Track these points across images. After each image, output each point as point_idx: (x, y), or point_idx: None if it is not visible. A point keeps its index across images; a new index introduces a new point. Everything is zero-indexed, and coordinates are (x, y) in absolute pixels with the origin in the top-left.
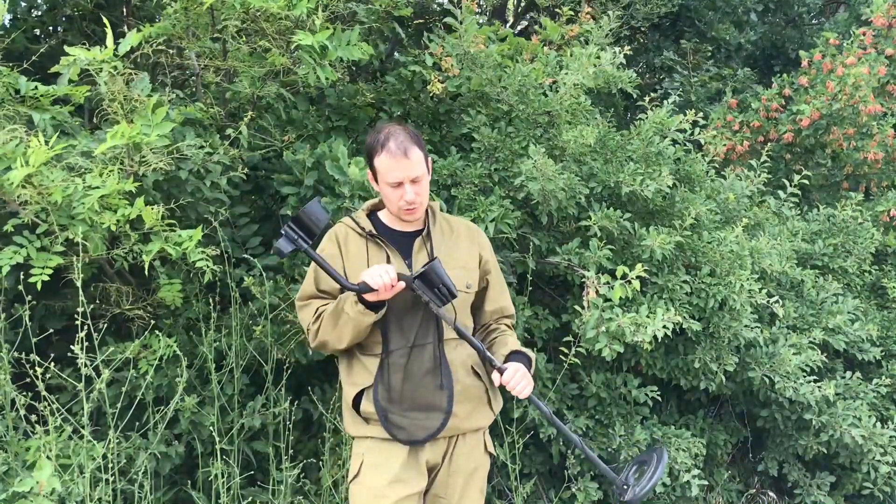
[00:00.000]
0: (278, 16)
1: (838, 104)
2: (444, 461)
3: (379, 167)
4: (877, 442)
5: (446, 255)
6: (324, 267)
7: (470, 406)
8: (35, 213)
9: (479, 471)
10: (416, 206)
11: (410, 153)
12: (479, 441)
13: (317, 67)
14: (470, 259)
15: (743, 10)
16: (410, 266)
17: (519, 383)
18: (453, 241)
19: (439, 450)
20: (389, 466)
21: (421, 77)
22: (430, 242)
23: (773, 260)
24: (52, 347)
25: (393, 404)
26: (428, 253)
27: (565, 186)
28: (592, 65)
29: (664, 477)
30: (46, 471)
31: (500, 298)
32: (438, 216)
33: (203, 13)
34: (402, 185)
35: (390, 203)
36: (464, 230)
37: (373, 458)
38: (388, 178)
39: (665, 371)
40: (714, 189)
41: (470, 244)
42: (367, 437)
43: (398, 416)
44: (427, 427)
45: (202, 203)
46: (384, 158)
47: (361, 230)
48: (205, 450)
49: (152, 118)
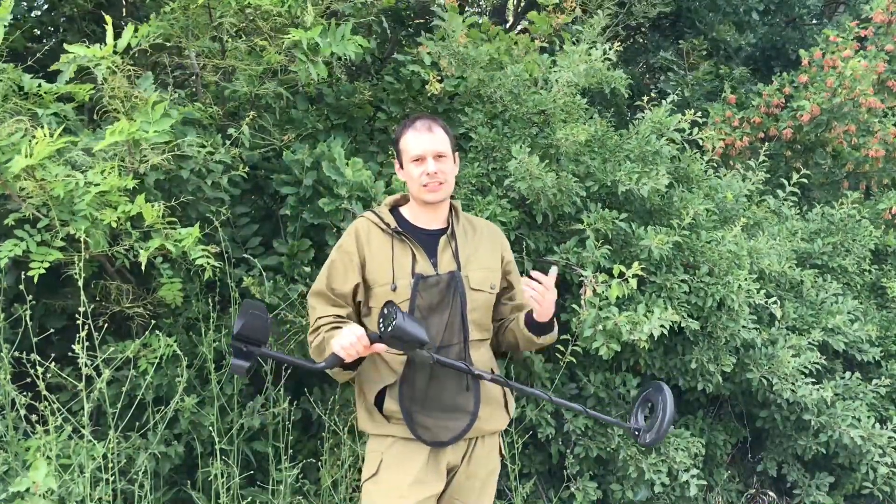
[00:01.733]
0: (273, 13)
1: (838, 98)
2: (463, 463)
3: (403, 146)
4: (876, 443)
5: (471, 255)
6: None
7: (490, 408)
8: (36, 208)
9: (494, 474)
10: (439, 183)
11: (435, 129)
12: (495, 444)
13: (309, 65)
14: (493, 260)
15: (744, 10)
16: (436, 265)
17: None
18: (476, 241)
19: (459, 451)
20: (410, 466)
21: (419, 77)
22: (455, 241)
23: (772, 260)
24: (52, 347)
25: (417, 404)
26: (453, 252)
27: (556, 185)
28: (584, 61)
29: (664, 476)
30: (42, 471)
31: (521, 297)
32: (461, 215)
33: (201, 12)
34: (425, 159)
35: (412, 183)
36: (486, 230)
37: (393, 457)
38: (411, 151)
39: (664, 371)
40: (712, 188)
41: (492, 245)
42: (388, 436)
43: (423, 416)
44: (452, 429)
45: (203, 202)
46: (409, 135)
47: (386, 226)
48: (204, 450)
49: (152, 115)
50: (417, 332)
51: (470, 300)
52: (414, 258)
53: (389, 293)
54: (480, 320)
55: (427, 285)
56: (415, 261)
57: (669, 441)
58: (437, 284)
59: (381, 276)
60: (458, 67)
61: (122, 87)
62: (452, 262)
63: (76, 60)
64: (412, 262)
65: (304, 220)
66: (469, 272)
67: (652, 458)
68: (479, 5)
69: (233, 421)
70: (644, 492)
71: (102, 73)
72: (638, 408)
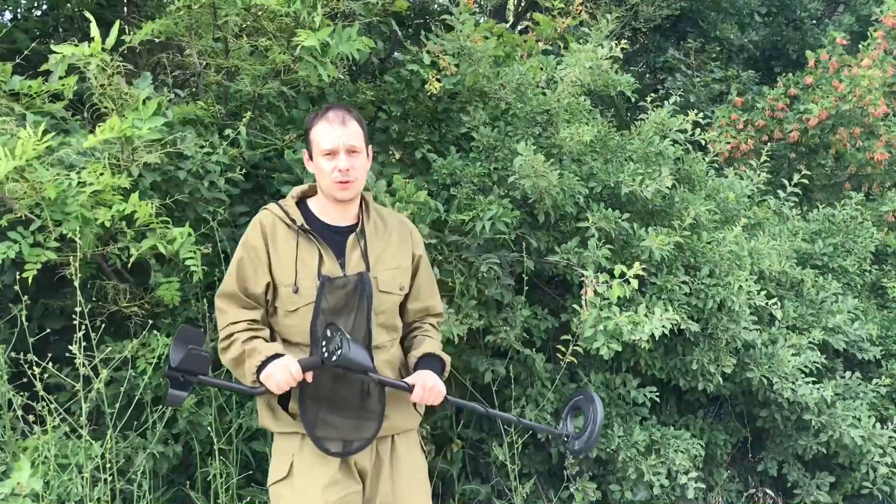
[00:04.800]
0: (279, 13)
1: (847, 105)
2: (383, 464)
3: (314, 137)
4: (876, 443)
5: (381, 254)
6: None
7: (399, 407)
8: (29, 209)
9: (421, 471)
10: (349, 180)
11: (348, 122)
12: (414, 442)
13: (318, 66)
14: (403, 258)
15: (746, 11)
16: (343, 266)
17: (427, 397)
18: (387, 238)
19: (367, 454)
20: (324, 468)
21: (419, 76)
22: (364, 240)
23: (773, 260)
24: (50, 347)
25: (323, 404)
26: (362, 251)
27: (560, 184)
28: (589, 60)
29: (663, 478)
30: (26, 472)
31: (427, 297)
32: (372, 208)
33: (204, 11)
34: (337, 153)
35: (322, 177)
36: (396, 225)
37: (305, 459)
38: (322, 145)
39: (664, 371)
40: (714, 189)
41: (402, 242)
42: (294, 433)
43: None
44: (363, 438)
45: (200, 203)
46: (320, 126)
47: (291, 222)
48: (203, 450)
49: (143, 111)
50: (363, 359)
51: (377, 303)
52: (321, 258)
53: (291, 295)
54: (388, 322)
55: (333, 287)
56: (321, 261)
57: (669, 442)
58: (344, 287)
59: (285, 277)
60: (463, 63)
61: (114, 86)
62: (361, 263)
63: (65, 60)
64: (318, 262)
65: None
66: (378, 273)
67: (651, 459)
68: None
69: (231, 421)
70: (643, 492)
71: (92, 71)
72: (568, 415)
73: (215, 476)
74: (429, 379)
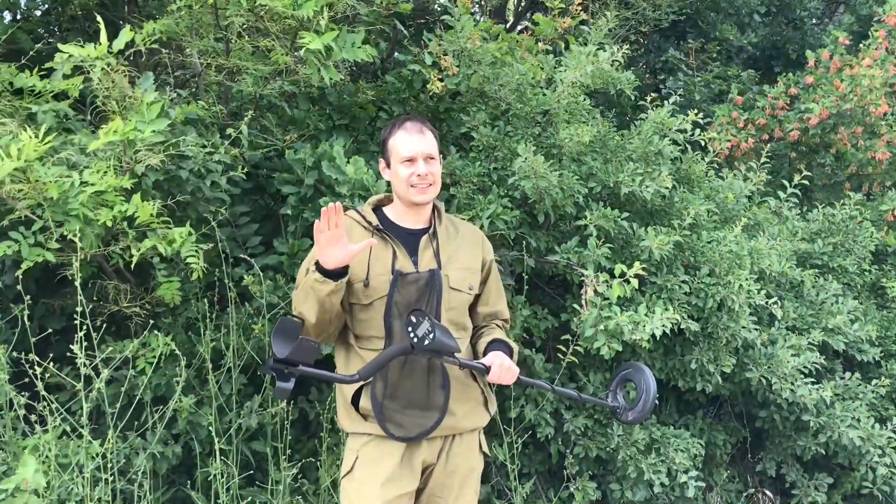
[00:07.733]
0: (283, 15)
1: (848, 105)
2: (440, 460)
3: (393, 145)
4: (875, 443)
5: (452, 255)
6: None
7: (467, 406)
8: (31, 210)
9: (475, 472)
10: (429, 184)
11: (426, 132)
12: (474, 442)
13: (321, 68)
14: (473, 261)
15: (746, 11)
16: (416, 263)
17: (503, 376)
18: (458, 241)
19: (435, 448)
20: (384, 465)
21: (421, 76)
22: (437, 241)
23: (773, 260)
24: (51, 347)
25: (390, 400)
26: (434, 251)
27: (560, 184)
28: (591, 63)
29: (663, 476)
30: (31, 467)
31: (496, 302)
32: (444, 216)
33: (206, 11)
34: (416, 160)
35: (400, 183)
36: (468, 233)
37: (368, 455)
38: (402, 152)
39: (664, 371)
40: (713, 189)
41: (474, 247)
42: (364, 434)
43: (396, 413)
44: (422, 425)
45: (202, 203)
46: (399, 135)
47: (368, 224)
48: (203, 450)
49: (147, 114)
50: (451, 341)
51: (447, 299)
52: (395, 255)
53: (363, 289)
54: (457, 319)
55: (406, 282)
56: (395, 258)
57: (669, 441)
58: (416, 282)
59: (358, 273)
60: (463, 64)
61: (118, 87)
62: (433, 261)
63: (70, 60)
64: (392, 258)
65: (305, 219)
66: (449, 271)
67: (651, 458)
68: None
69: (231, 421)
70: (643, 492)
71: (97, 73)
72: (617, 387)
73: (216, 476)
74: (504, 359)
